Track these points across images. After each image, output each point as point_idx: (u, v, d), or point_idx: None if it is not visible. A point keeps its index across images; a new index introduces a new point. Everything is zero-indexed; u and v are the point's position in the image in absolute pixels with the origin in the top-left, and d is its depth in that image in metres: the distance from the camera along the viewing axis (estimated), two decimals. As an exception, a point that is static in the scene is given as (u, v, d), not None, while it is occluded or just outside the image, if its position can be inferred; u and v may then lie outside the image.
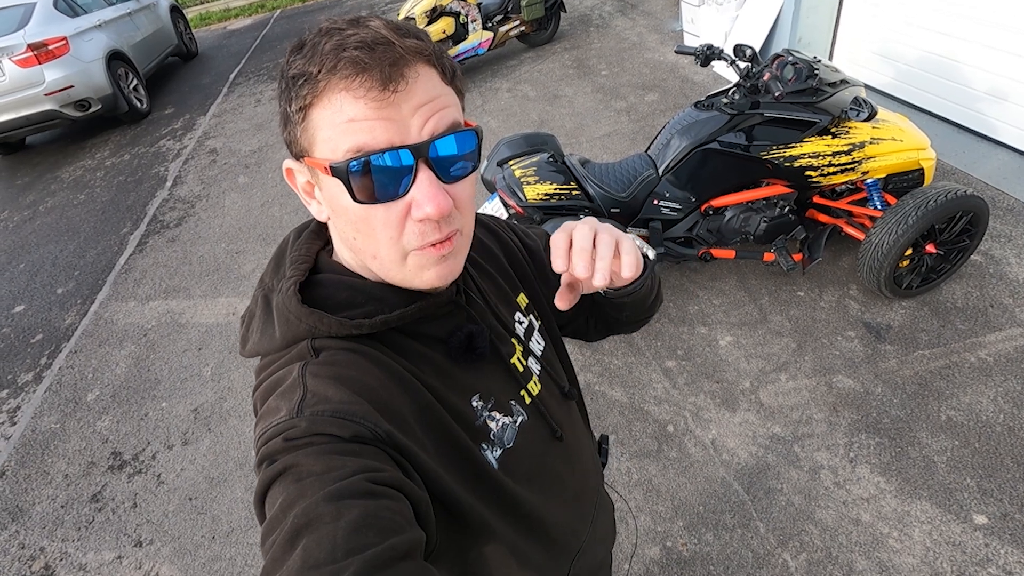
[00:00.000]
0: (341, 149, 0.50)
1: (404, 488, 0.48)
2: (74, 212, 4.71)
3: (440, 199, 0.51)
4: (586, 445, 0.83)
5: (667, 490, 1.94)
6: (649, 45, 5.14)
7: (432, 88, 0.52)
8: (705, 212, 2.40)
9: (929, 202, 2.06)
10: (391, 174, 0.50)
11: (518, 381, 0.70)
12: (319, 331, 0.56)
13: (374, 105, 0.49)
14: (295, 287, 0.58)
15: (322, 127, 0.50)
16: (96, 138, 6.05)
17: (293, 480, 0.46)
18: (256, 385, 0.59)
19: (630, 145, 3.82)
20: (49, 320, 3.50)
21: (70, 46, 5.43)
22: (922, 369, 2.10)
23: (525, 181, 2.23)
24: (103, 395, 2.86)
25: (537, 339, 0.78)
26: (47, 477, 2.50)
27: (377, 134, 0.49)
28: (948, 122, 3.26)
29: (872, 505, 1.77)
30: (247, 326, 0.64)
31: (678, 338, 2.45)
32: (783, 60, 2.26)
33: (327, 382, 0.52)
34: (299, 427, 0.49)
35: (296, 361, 0.55)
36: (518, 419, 0.67)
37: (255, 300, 0.64)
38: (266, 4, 10.55)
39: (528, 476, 0.67)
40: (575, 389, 0.83)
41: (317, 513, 0.43)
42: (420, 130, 0.51)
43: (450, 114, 0.53)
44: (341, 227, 0.57)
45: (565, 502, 0.74)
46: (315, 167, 0.53)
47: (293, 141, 0.54)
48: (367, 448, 0.49)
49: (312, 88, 0.49)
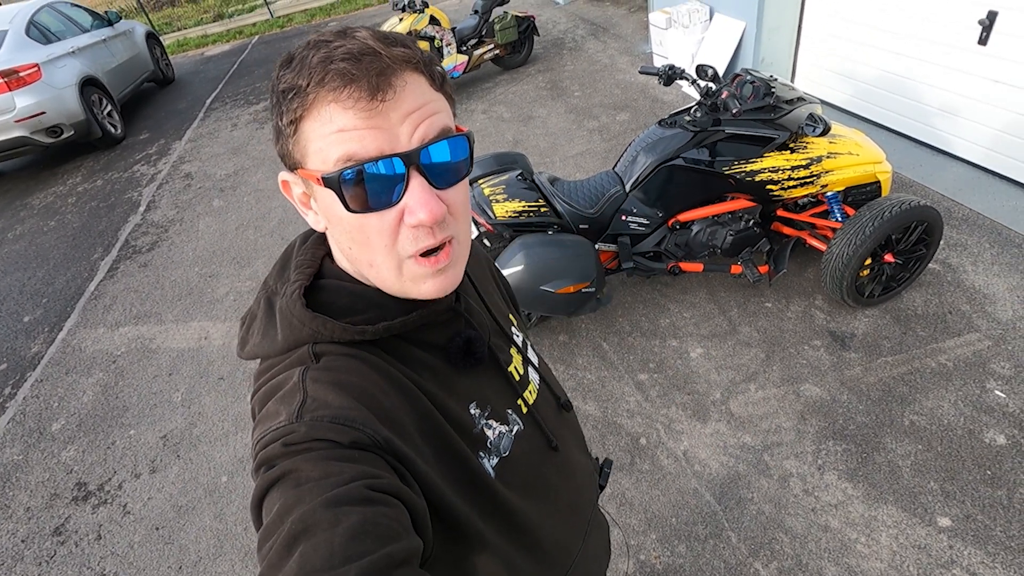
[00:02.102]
0: (331, 159, 0.50)
1: (402, 495, 0.48)
2: (44, 239, 4.63)
3: (433, 204, 0.52)
4: (582, 460, 0.84)
5: (640, 503, 1.94)
6: (620, 67, 5.27)
7: (421, 95, 0.52)
8: (672, 227, 2.45)
9: (884, 213, 2.13)
10: (383, 182, 0.51)
11: (515, 389, 0.70)
12: (321, 336, 0.56)
13: (363, 115, 0.49)
14: (300, 291, 0.58)
15: (313, 139, 0.51)
16: (68, 164, 5.98)
17: (291, 485, 0.46)
18: (255, 389, 0.59)
19: (602, 163, 3.89)
20: (14, 349, 3.42)
21: (42, 73, 5.40)
22: (886, 376, 2.14)
23: (494, 199, 2.26)
24: (69, 424, 2.79)
25: (533, 352, 0.80)
26: (7, 511, 2.42)
27: (367, 143, 0.50)
28: (905, 137, 3.39)
29: (840, 511, 1.79)
30: (247, 328, 0.64)
31: (650, 351, 2.47)
32: (742, 79, 2.34)
33: (327, 387, 0.52)
34: (298, 432, 0.49)
35: (297, 366, 0.55)
36: (514, 428, 0.67)
37: (257, 302, 0.64)
38: (244, 30, 10.62)
39: (524, 486, 0.67)
40: (570, 402, 0.84)
41: (315, 519, 0.43)
42: (410, 137, 0.51)
43: (440, 120, 0.53)
44: (337, 236, 0.57)
45: (559, 514, 0.74)
46: (308, 178, 0.53)
47: (286, 154, 0.55)
48: (366, 455, 0.49)
49: (302, 101, 0.50)
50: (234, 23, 11.69)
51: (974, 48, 2.81)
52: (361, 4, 10.51)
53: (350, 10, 10.35)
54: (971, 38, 2.80)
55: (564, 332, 2.65)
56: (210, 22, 12.31)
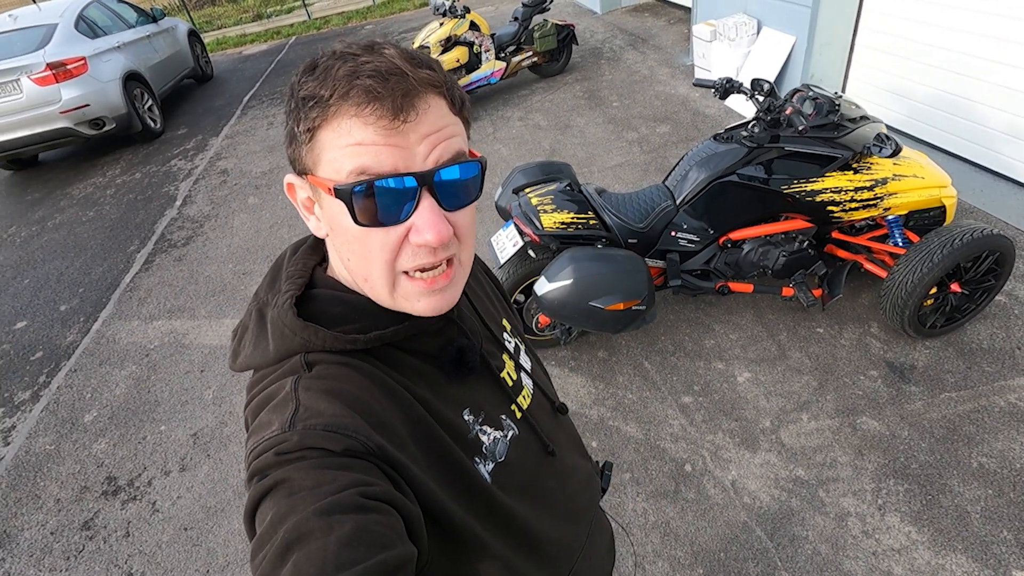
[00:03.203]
0: (345, 170, 0.50)
1: (396, 503, 0.48)
2: (82, 229, 4.70)
3: (441, 227, 0.52)
4: (579, 463, 0.84)
5: (685, 534, 1.85)
6: (660, 78, 5.19)
7: (440, 118, 0.52)
8: (723, 245, 2.37)
9: (955, 240, 2.01)
10: (394, 198, 0.51)
11: (508, 395, 0.70)
12: (313, 345, 0.56)
13: (383, 133, 0.49)
14: (291, 301, 0.58)
15: (328, 148, 0.51)
16: (108, 156, 6.09)
17: (284, 495, 0.45)
18: (248, 400, 0.58)
19: (642, 175, 3.82)
20: (50, 337, 3.45)
21: (88, 66, 5.51)
22: (950, 412, 2.03)
23: (542, 209, 2.20)
24: (101, 416, 2.79)
25: (525, 357, 0.81)
26: (38, 502, 2.42)
27: (383, 159, 0.50)
28: (964, 160, 3.25)
29: (904, 557, 1.68)
30: (239, 339, 0.64)
31: (694, 373, 2.38)
32: (803, 95, 2.25)
33: (320, 396, 0.52)
34: (291, 441, 0.48)
35: (289, 375, 0.55)
36: (509, 433, 0.67)
37: (249, 313, 0.64)
38: (281, 31, 10.78)
39: (520, 490, 0.67)
40: (565, 405, 0.84)
41: (308, 528, 0.42)
42: (425, 158, 0.51)
43: (456, 144, 0.54)
44: (338, 246, 0.57)
45: (558, 518, 0.73)
46: (319, 186, 0.53)
47: (297, 159, 0.55)
48: (359, 462, 0.49)
49: (322, 111, 0.50)
50: (272, 23, 11.87)
51: (1046, 71, 2.68)
52: (397, 8, 10.59)
53: (386, 14, 10.44)
54: (1044, 60, 2.67)
55: (603, 348, 2.57)
56: (249, 22, 12.53)
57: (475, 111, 5.30)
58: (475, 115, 5.22)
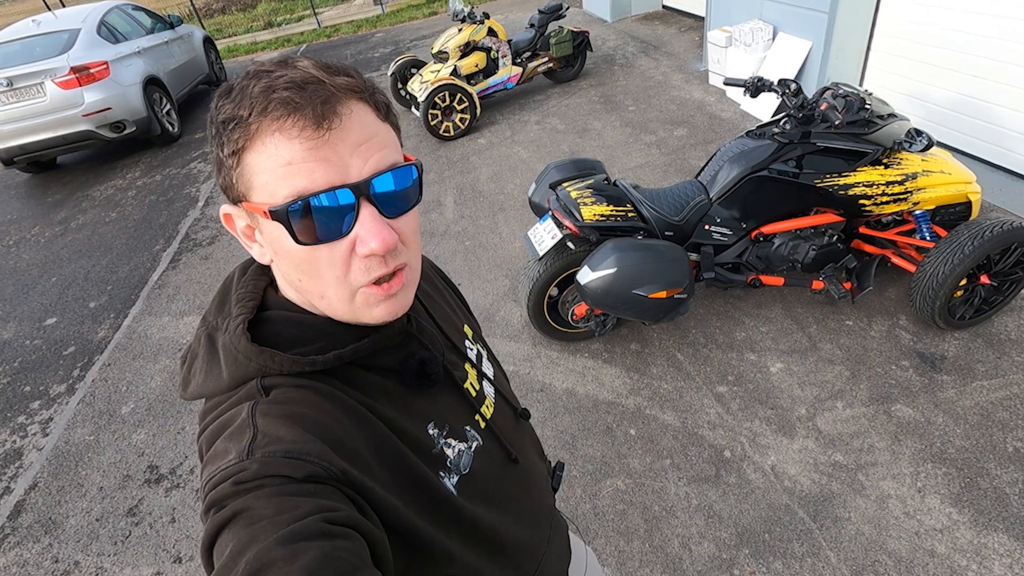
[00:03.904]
0: (280, 194, 0.49)
1: (361, 528, 0.47)
2: (106, 229, 4.76)
3: (385, 234, 0.51)
4: (539, 466, 0.84)
5: (729, 516, 1.89)
6: (674, 83, 5.28)
7: (368, 126, 0.52)
8: (755, 239, 2.42)
9: (985, 232, 2.07)
10: (332, 214, 0.50)
11: (472, 405, 0.70)
12: (270, 370, 0.54)
13: (309, 145, 0.48)
14: (244, 325, 0.56)
15: (259, 172, 0.50)
16: (127, 159, 6.16)
17: (244, 525, 0.44)
18: (201, 429, 0.56)
19: (663, 176, 3.89)
20: (82, 333, 3.49)
21: (110, 70, 5.59)
22: (983, 400, 2.08)
23: (582, 202, 2.26)
24: (138, 408, 2.83)
25: (487, 365, 0.80)
26: (81, 490, 2.45)
27: (316, 176, 0.49)
28: (981, 160, 3.32)
29: (946, 536, 1.72)
30: (188, 367, 0.61)
31: (727, 364, 2.43)
32: (833, 92, 2.32)
33: (278, 421, 0.50)
34: (249, 469, 0.46)
35: (245, 401, 0.53)
36: (473, 444, 0.67)
37: (198, 339, 0.61)
38: (292, 39, 10.91)
39: (485, 499, 0.66)
40: (527, 411, 0.85)
41: (270, 558, 0.41)
42: (360, 170, 0.51)
43: (390, 155, 0.53)
44: (285, 269, 0.56)
45: (522, 522, 0.73)
46: (254, 211, 0.52)
47: (229, 186, 0.53)
48: (322, 487, 0.48)
49: (244, 132, 0.49)
50: (283, 31, 12.02)
51: (1065, 72, 2.75)
52: (407, 17, 10.73)
53: (396, 22, 10.58)
54: (1062, 62, 2.75)
55: (636, 341, 2.62)
56: (260, 30, 12.68)
57: (492, 115, 5.38)
58: (492, 119, 5.31)
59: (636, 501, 1.99)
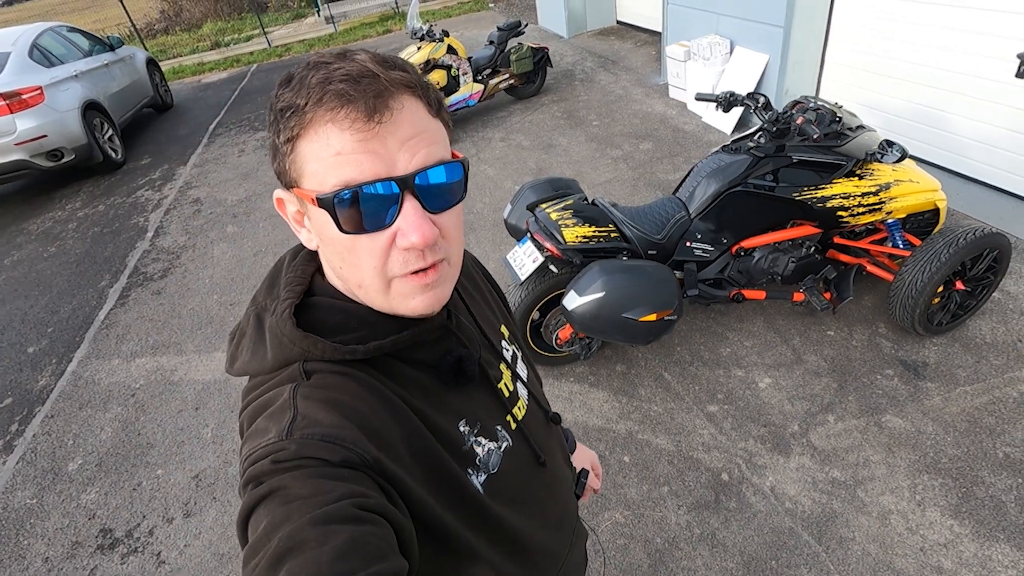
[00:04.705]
0: (329, 183, 0.50)
1: (389, 515, 0.48)
2: (44, 265, 4.41)
3: (426, 228, 0.52)
4: (566, 472, 0.85)
5: (733, 544, 1.83)
6: (635, 97, 5.33)
7: (418, 121, 0.53)
8: (736, 253, 2.40)
9: (959, 239, 2.11)
10: (377, 204, 0.51)
11: (504, 406, 0.71)
12: (312, 355, 0.56)
13: (360, 137, 0.49)
14: (290, 310, 0.58)
15: (310, 160, 0.51)
16: (66, 189, 5.78)
17: (280, 503, 0.45)
18: (244, 405, 0.58)
19: (632, 191, 3.88)
20: (19, 382, 3.19)
21: (45, 96, 5.25)
22: (968, 406, 2.09)
23: (563, 223, 2.19)
24: (87, 464, 2.58)
25: (521, 366, 0.81)
26: (23, 563, 2.20)
27: (364, 167, 0.50)
28: (938, 167, 3.43)
29: (951, 551, 1.70)
30: (237, 344, 0.64)
31: (715, 381, 2.39)
32: (804, 106, 2.34)
33: (318, 405, 0.52)
34: (288, 449, 0.48)
35: (287, 383, 0.55)
36: (503, 444, 0.68)
37: (247, 318, 0.63)
38: (241, 59, 10.59)
39: (511, 499, 0.67)
40: (558, 415, 0.85)
41: (303, 537, 0.42)
42: (407, 164, 0.52)
43: (437, 150, 0.54)
44: (329, 256, 0.58)
45: (547, 527, 0.75)
46: (303, 198, 0.53)
47: (283, 172, 0.55)
48: (355, 474, 0.49)
49: (299, 120, 0.50)
50: (231, 51, 11.66)
51: (1012, 81, 2.87)
52: (360, 35, 10.59)
53: (349, 40, 10.42)
54: (1008, 71, 2.87)
55: (621, 362, 2.55)
56: (206, 50, 12.28)
57: (456, 133, 5.30)
58: (457, 137, 5.22)
59: (637, 534, 1.91)
